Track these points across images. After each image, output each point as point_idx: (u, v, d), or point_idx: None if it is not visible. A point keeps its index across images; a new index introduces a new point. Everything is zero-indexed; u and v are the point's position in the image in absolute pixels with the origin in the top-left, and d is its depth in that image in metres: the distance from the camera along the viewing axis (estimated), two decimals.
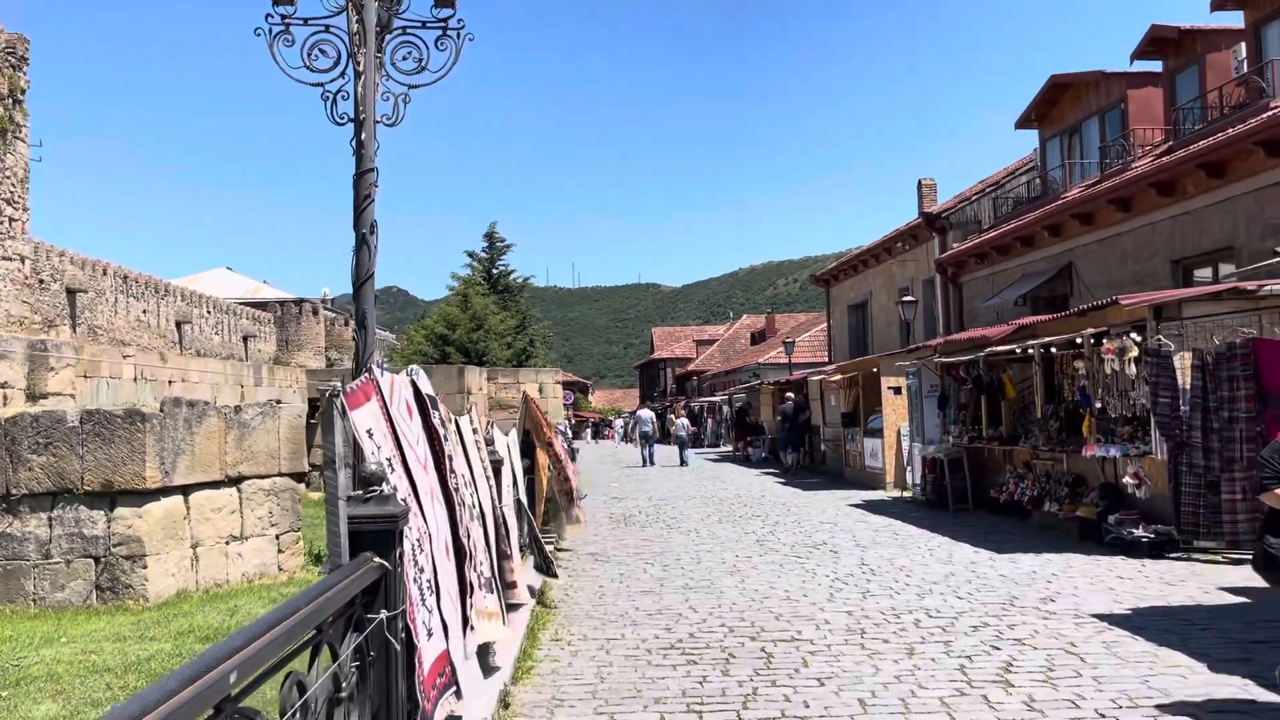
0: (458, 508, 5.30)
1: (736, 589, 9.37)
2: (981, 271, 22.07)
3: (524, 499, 9.08)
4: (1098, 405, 12.05)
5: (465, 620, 5.12)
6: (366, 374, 4.41)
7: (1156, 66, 17.87)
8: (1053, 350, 13.46)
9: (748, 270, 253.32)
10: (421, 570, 4.29)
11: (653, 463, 31.99)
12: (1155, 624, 7.33)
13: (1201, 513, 10.26)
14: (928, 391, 17.27)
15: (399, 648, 3.58)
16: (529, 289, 50.03)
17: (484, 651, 5.99)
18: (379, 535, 3.61)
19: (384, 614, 3.52)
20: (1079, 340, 12.34)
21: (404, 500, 4.17)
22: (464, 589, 5.19)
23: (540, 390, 21.66)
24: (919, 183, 30.66)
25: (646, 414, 36.59)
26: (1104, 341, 11.27)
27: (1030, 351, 13.80)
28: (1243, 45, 15.57)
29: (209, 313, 44.12)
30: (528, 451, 11.44)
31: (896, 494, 18.91)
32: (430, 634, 4.34)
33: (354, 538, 3.59)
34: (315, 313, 54.43)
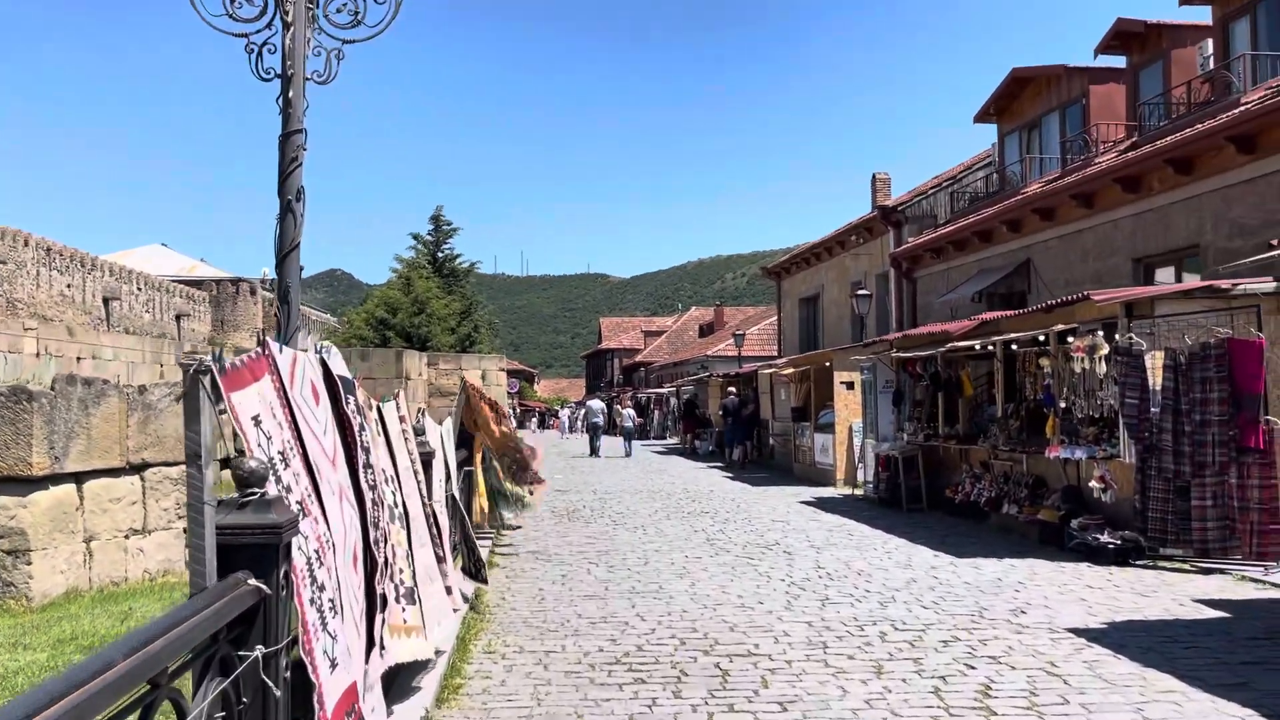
0: (371, 508, 4.56)
1: (687, 594, 8.73)
2: (937, 267, 21.70)
3: (458, 494, 8.34)
4: (1062, 405, 11.62)
5: (372, 642, 4.39)
6: (259, 348, 3.66)
7: (1120, 62, 17.56)
8: (1014, 347, 13.03)
9: (696, 263, 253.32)
10: (322, 588, 3.55)
11: (600, 454, 31.88)
12: (1135, 640, 6.83)
13: (1170, 519, 9.86)
14: (883, 387, 16.80)
15: (280, 693, 2.85)
16: (475, 275, 48.98)
17: (403, 672, 5.26)
18: (257, 550, 2.88)
19: (260, 651, 2.79)
20: (1042, 337, 11.90)
21: (298, 504, 3.42)
22: (373, 605, 4.46)
23: (483, 377, 20.84)
24: (873, 177, 30.31)
25: (596, 405, 36.12)
26: (1073, 339, 10.82)
27: (992, 348, 13.35)
28: (1209, 41, 15.27)
29: (140, 289, 42.46)
30: (465, 442, 10.69)
31: (848, 491, 18.45)
32: (334, 665, 3.61)
33: (225, 553, 2.85)
34: (253, 293, 52.79)
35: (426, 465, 6.66)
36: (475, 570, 7.66)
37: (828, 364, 20.08)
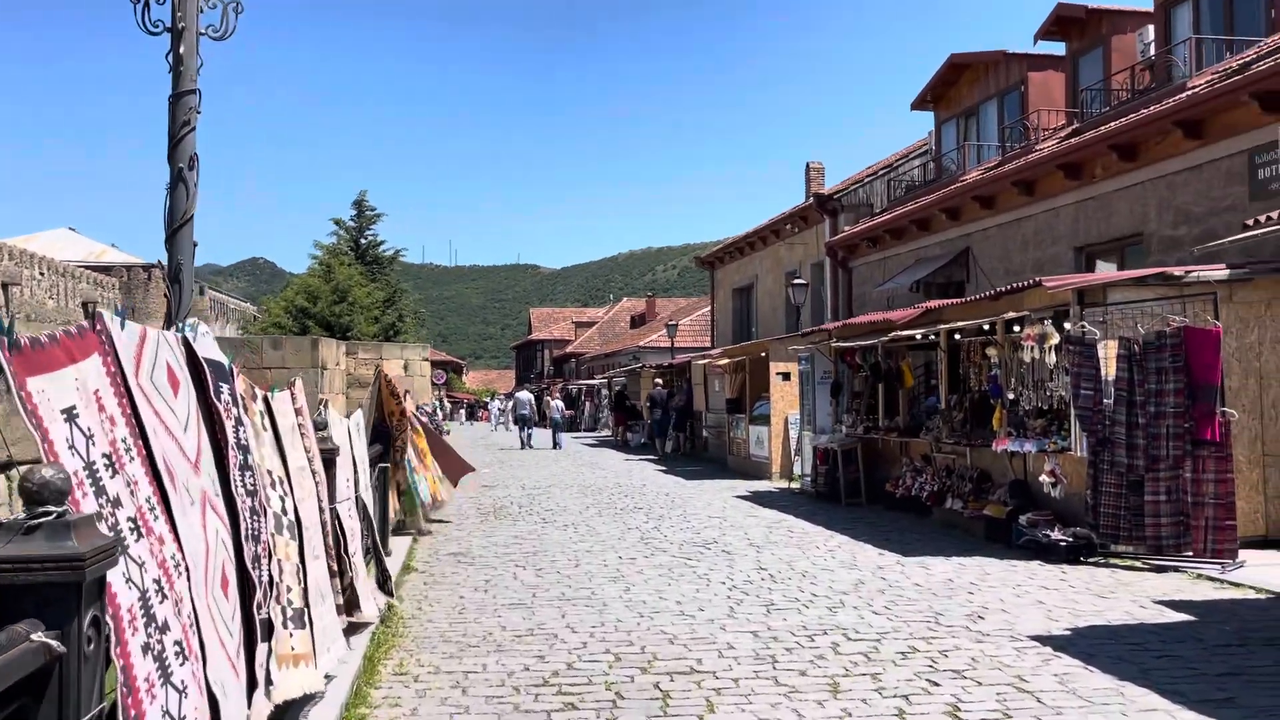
0: (249, 519, 3.79)
1: (622, 601, 8.06)
2: (873, 256, 21.36)
3: (369, 495, 7.55)
4: (1010, 396, 11.22)
5: (254, 681, 3.63)
6: (87, 321, 2.87)
7: (1060, 49, 17.33)
8: (958, 337, 12.62)
9: (628, 255, 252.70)
10: (165, 627, 2.78)
11: (530, 445, 31.37)
12: (1104, 650, 6.35)
13: (1123, 514, 9.48)
14: (821, 378, 16.34)
15: None
16: (400, 263, 47.64)
17: (293, 705, 4.50)
18: (51, 591, 2.12)
19: None
20: (989, 326, 11.49)
21: (130, 521, 2.66)
22: (253, 635, 3.70)
23: (406, 368, 19.89)
24: (807, 166, 29.99)
25: (525, 396, 35.54)
26: (1021, 327, 10.40)
27: (935, 337, 12.94)
28: (1149, 28, 15.07)
29: (42, 275, 40.28)
30: (381, 437, 9.88)
31: (784, 485, 17.98)
32: None
33: (5, 595, 2.09)
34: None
35: (329, 464, 5.88)
36: (382, 581, 6.88)
37: (763, 354, 19.59)
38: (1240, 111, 11.16)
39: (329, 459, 5.89)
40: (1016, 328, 11.26)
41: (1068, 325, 9.94)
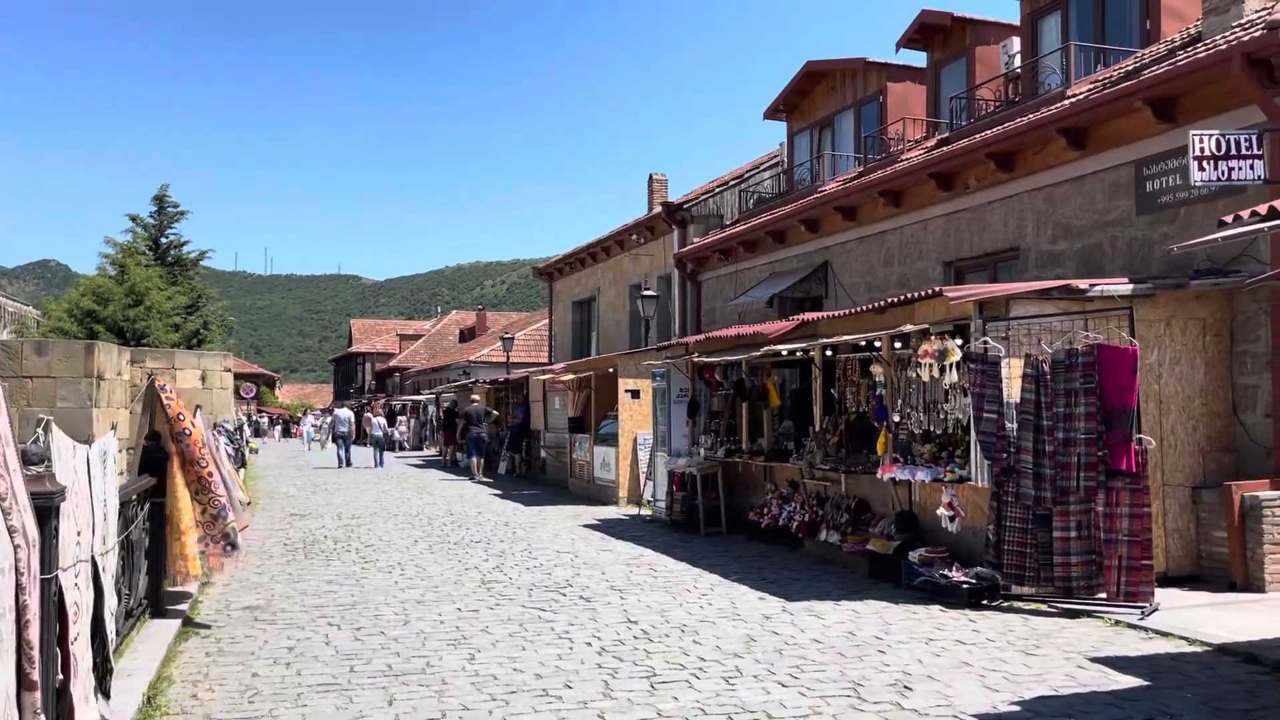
0: None
1: (466, 675, 6.38)
2: (724, 269, 20.36)
3: (112, 551, 5.59)
4: (896, 419, 10.18)
5: None
6: None
7: (922, 59, 16.79)
8: (831, 353, 11.57)
9: (455, 268, 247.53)
10: None
11: (349, 464, 29.49)
12: None
13: (1029, 552, 8.53)
14: (677, 396, 15.06)
15: None
16: (205, 269, 43.67)
17: None
18: None
19: None
20: (878, 341, 10.45)
21: None
22: None
23: (203, 378, 17.34)
24: (650, 177, 28.98)
25: (344, 413, 33.29)
26: (918, 343, 9.36)
27: (807, 354, 11.85)
28: (1015, 40, 14.63)
29: None
30: (154, 466, 7.83)
31: (633, 511, 16.58)
32: None
33: None
34: None
35: (45, 514, 3.99)
36: (100, 678, 4.90)
37: (611, 370, 18.19)
38: (1129, 120, 10.58)
39: (45, 506, 4.00)
40: (900, 344, 10.28)
41: (971, 341, 8.96)
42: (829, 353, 11.69)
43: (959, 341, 8.95)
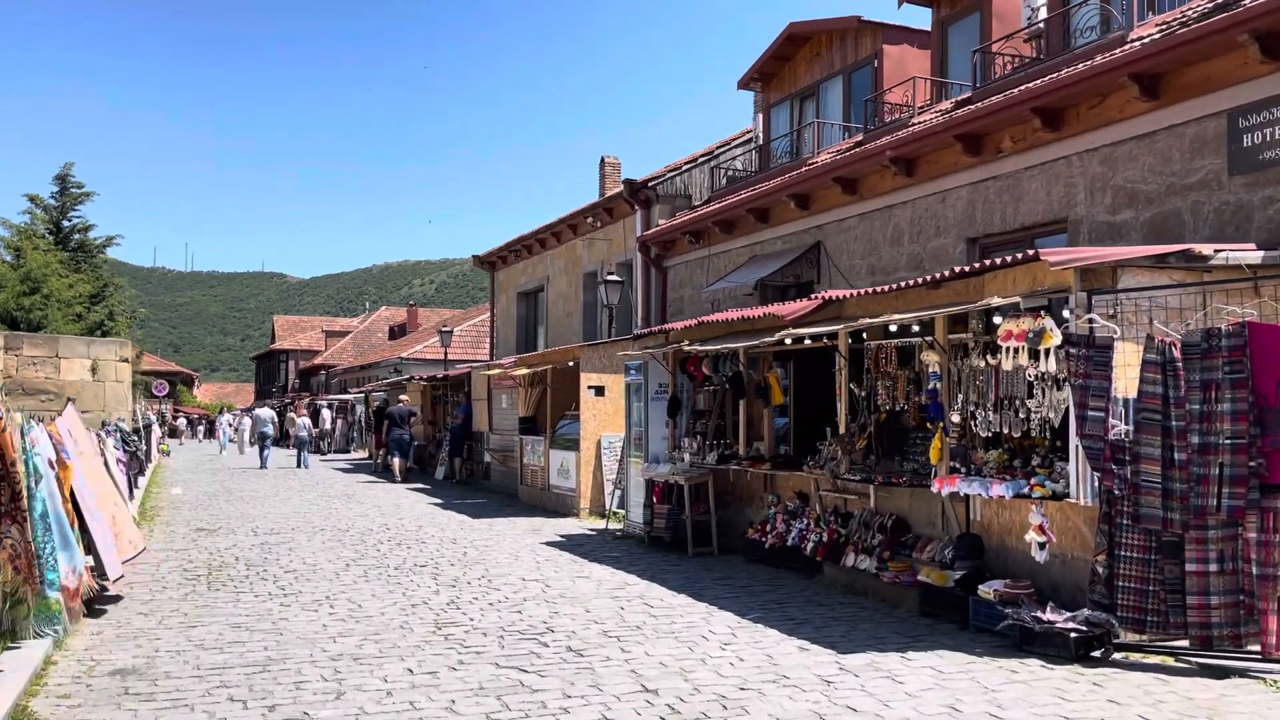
0: None
1: None
2: (695, 254, 18.34)
3: None
4: (954, 418, 8.25)
5: None
6: None
7: (925, 17, 14.98)
8: (865, 338, 9.63)
9: (383, 267, 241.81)
10: None
11: (266, 466, 27.85)
12: None
13: (1151, 590, 6.65)
14: (655, 392, 12.98)
15: None
16: (114, 261, 40.30)
17: None
18: None
19: None
20: (890, 329, 8.51)
21: None
22: None
23: (94, 370, 14.81)
24: (601, 161, 26.95)
25: (266, 413, 31.34)
26: (996, 322, 7.43)
27: (831, 341, 9.89)
28: None
29: None
30: None
31: (598, 524, 14.45)
32: None
33: None
34: None
35: None
36: None
37: (571, 363, 16.04)
38: (1224, 61, 8.83)
39: None
40: (1004, 321, 8.36)
41: (1068, 319, 7.06)
42: (864, 336, 9.77)
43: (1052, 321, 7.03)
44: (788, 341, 10.44)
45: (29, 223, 34.91)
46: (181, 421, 63.85)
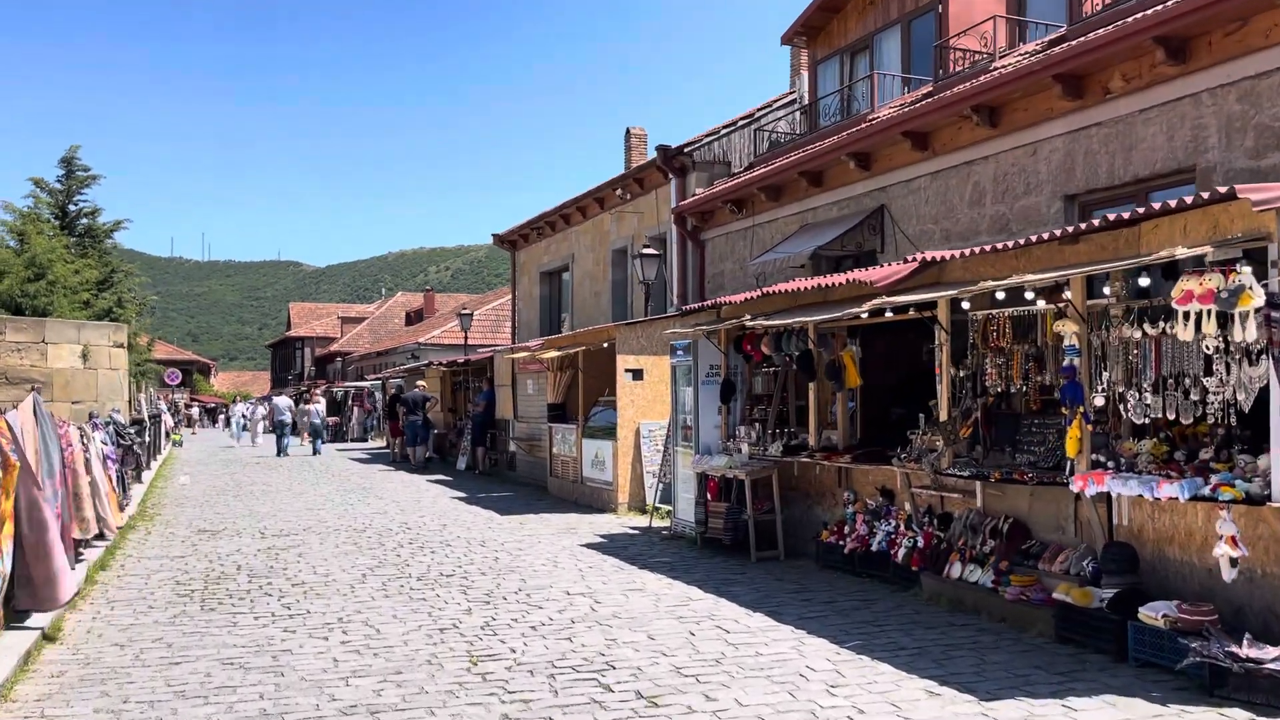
0: None
1: None
2: (737, 225, 16.84)
3: None
4: (1098, 402, 6.78)
5: None
6: None
7: None
8: (966, 307, 8.16)
9: (398, 254, 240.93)
10: None
11: (286, 454, 27.51)
12: None
13: None
14: (706, 375, 11.54)
15: None
16: (122, 247, 38.96)
17: None
18: None
19: None
20: (998, 295, 7.02)
21: None
22: None
23: (85, 355, 13.48)
24: (627, 132, 25.47)
25: (284, 402, 30.68)
26: (1175, 278, 5.94)
27: (929, 313, 8.41)
28: None
29: None
30: None
31: (640, 522, 13.04)
32: None
33: None
34: None
35: None
36: None
37: (606, 344, 14.61)
38: None
39: None
40: (1185, 279, 6.89)
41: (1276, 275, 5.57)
42: (965, 306, 8.29)
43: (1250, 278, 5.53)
44: (864, 314, 8.99)
45: (33, 207, 33.72)
46: (195, 410, 62.91)
